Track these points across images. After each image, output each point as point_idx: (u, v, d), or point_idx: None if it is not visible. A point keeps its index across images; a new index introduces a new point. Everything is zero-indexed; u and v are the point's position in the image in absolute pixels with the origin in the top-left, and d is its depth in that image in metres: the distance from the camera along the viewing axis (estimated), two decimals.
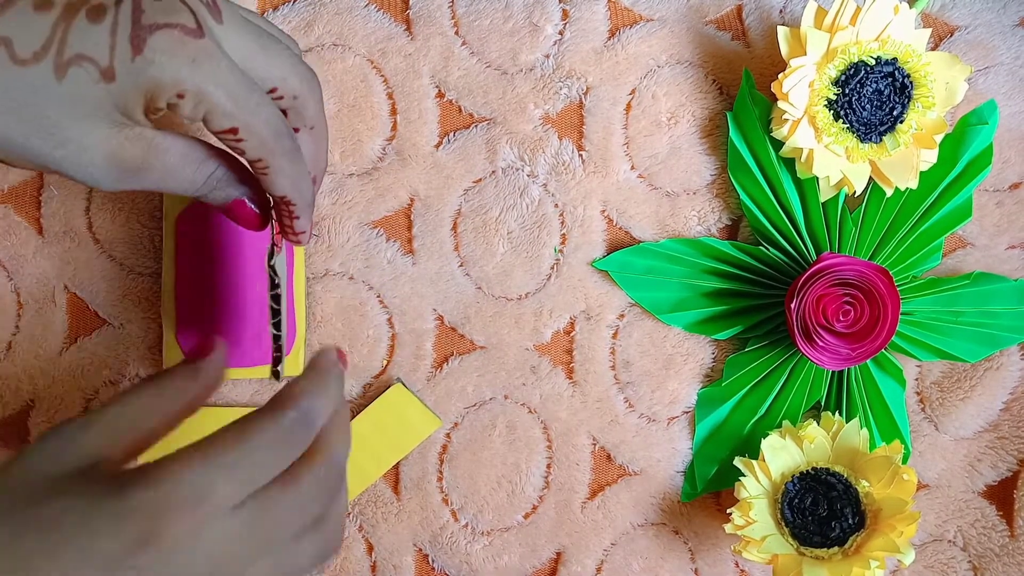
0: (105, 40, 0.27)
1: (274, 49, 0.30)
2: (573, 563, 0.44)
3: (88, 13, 0.27)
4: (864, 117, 0.40)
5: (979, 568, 0.44)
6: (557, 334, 0.44)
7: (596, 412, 0.44)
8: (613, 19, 0.44)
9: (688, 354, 0.44)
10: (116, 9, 0.27)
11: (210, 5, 0.29)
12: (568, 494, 0.44)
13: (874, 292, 0.40)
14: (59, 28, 0.27)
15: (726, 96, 0.44)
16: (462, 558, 0.43)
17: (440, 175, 0.43)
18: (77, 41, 0.27)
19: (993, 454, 0.44)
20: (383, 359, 0.43)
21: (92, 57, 0.27)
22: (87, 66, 0.27)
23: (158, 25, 0.27)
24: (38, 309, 0.42)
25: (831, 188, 0.41)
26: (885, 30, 0.39)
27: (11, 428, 0.42)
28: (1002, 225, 0.44)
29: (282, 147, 0.30)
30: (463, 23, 0.43)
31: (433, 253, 0.43)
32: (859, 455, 0.40)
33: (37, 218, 0.42)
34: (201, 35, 0.28)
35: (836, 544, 0.39)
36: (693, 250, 0.43)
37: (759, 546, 0.39)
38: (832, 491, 0.40)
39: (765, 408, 0.43)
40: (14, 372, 0.42)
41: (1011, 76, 0.44)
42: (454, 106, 0.43)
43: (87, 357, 0.42)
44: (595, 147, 0.43)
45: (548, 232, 0.43)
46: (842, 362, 0.40)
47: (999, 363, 0.44)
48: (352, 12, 0.43)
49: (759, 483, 0.41)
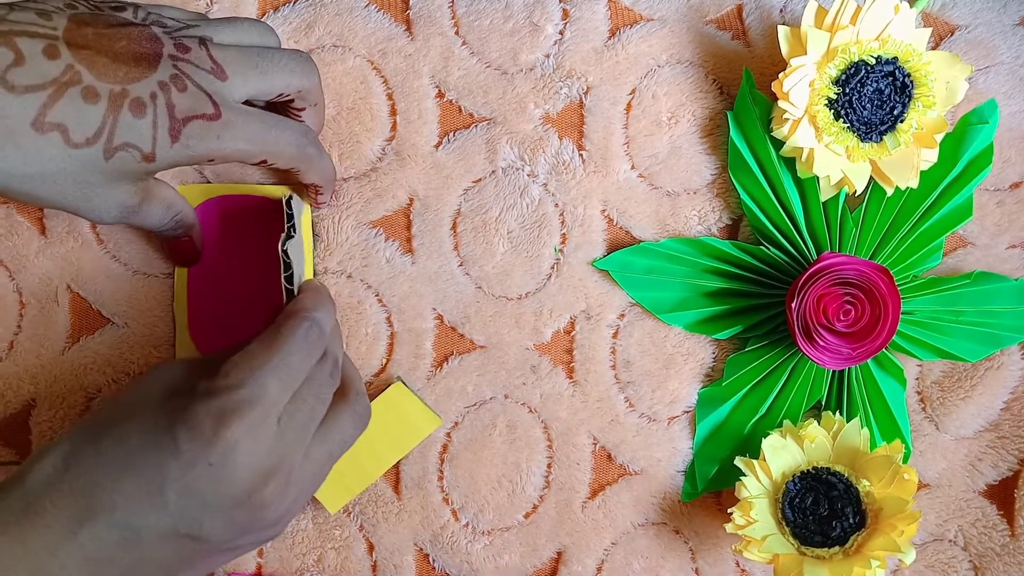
0: (148, 132, 0.33)
1: (271, 66, 0.36)
2: (574, 563, 0.44)
3: (131, 107, 0.33)
4: (864, 116, 0.40)
5: (980, 567, 0.44)
6: (557, 334, 0.44)
7: (597, 412, 0.44)
8: (613, 19, 0.44)
9: (688, 354, 0.44)
10: (154, 105, 0.33)
11: (215, 71, 0.35)
12: (569, 494, 0.44)
13: (875, 291, 0.40)
14: (108, 120, 0.32)
15: (726, 96, 0.44)
16: (463, 557, 0.43)
17: (440, 175, 0.43)
18: (124, 132, 0.33)
19: (994, 453, 0.44)
20: (382, 358, 0.43)
21: (137, 145, 0.33)
22: (132, 151, 0.33)
23: (189, 118, 0.34)
24: (40, 309, 0.42)
25: (831, 187, 0.41)
26: (886, 29, 0.39)
27: (13, 427, 0.42)
28: (1003, 224, 0.44)
29: (306, 156, 0.38)
30: (463, 23, 0.43)
31: (433, 252, 0.43)
32: (860, 454, 0.40)
33: (40, 218, 0.42)
34: (219, 116, 0.34)
35: (837, 544, 0.39)
36: (693, 250, 0.43)
37: (760, 546, 0.39)
38: (833, 490, 0.40)
39: (766, 408, 0.43)
40: (16, 371, 0.42)
41: (1011, 75, 0.44)
42: (454, 106, 0.43)
43: (89, 356, 0.42)
44: (595, 147, 0.43)
45: (548, 232, 0.43)
46: (843, 362, 0.40)
47: (1000, 362, 0.44)
48: (352, 13, 0.43)
49: (760, 483, 0.41)
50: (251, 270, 0.42)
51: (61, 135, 0.32)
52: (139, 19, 0.35)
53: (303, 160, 0.38)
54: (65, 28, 0.32)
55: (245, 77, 0.35)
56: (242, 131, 0.35)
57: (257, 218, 0.42)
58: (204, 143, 0.34)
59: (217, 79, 0.35)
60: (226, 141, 0.34)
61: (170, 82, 0.34)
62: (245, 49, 0.36)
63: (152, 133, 0.33)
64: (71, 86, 0.32)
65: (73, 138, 0.32)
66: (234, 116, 0.35)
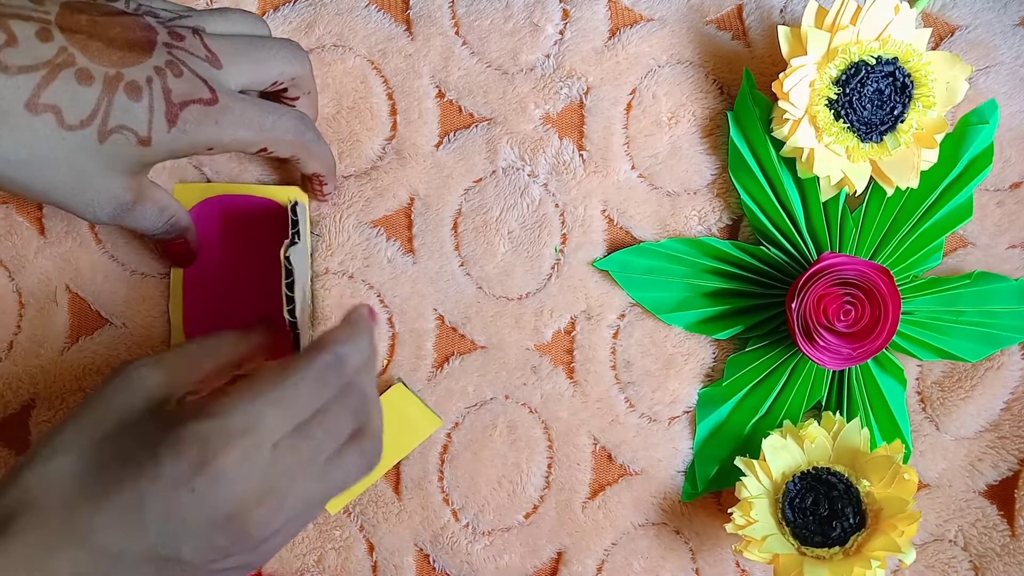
0: (144, 115, 0.33)
1: (265, 55, 0.36)
2: (574, 563, 0.44)
3: (126, 89, 0.32)
4: (865, 117, 0.40)
5: (980, 568, 0.44)
6: (558, 334, 0.44)
7: (597, 412, 0.44)
8: (613, 19, 0.44)
9: (689, 354, 0.44)
10: (150, 89, 0.33)
11: (210, 59, 0.34)
12: (569, 494, 0.44)
13: (875, 292, 0.40)
14: (102, 102, 0.32)
15: (727, 96, 0.44)
16: (463, 558, 0.43)
17: (440, 175, 0.43)
18: (119, 115, 0.32)
19: (994, 453, 0.44)
20: (383, 359, 0.43)
21: (132, 128, 0.33)
22: (127, 134, 0.33)
23: (186, 102, 0.33)
24: (40, 309, 0.42)
25: (832, 188, 0.41)
26: (886, 30, 0.39)
27: (12, 427, 0.42)
28: (1003, 225, 0.44)
29: (305, 142, 0.37)
30: (463, 23, 0.43)
31: (433, 252, 0.43)
32: (860, 455, 0.40)
33: (39, 218, 0.42)
34: (216, 101, 0.34)
35: (837, 544, 0.39)
36: (694, 250, 0.43)
37: (760, 546, 0.39)
38: (833, 491, 0.40)
39: (766, 408, 0.43)
40: (15, 372, 0.42)
41: (1012, 76, 0.44)
42: (454, 106, 0.43)
43: (88, 357, 0.42)
44: (596, 147, 0.43)
45: (549, 232, 0.43)
46: (843, 362, 0.40)
47: (1000, 363, 0.44)
48: (353, 12, 0.43)
49: (760, 483, 0.41)
50: (248, 272, 0.42)
51: (55, 116, 0.31)
52: (131, 9, 0.34)
53: (302, 147, 0.37)
54: (58, 13, 0.32)
55: (239, 65, 0.35)
56: (240, 117, 0.35)
57: (257, 220, 0.42)
58: (202, 128, 0.34)
59: (212, 67, 0.34)
60: (225, 127, 0.34)
61: (166, 67, 0.33)
62: (238, 38, 0.36)
63: (148, 117, 0.33)
64: (65, 67, 0.31)
65: (67, 119, 0.31)
66: (232, 102, 0.34)
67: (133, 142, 0.33)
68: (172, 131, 0.33)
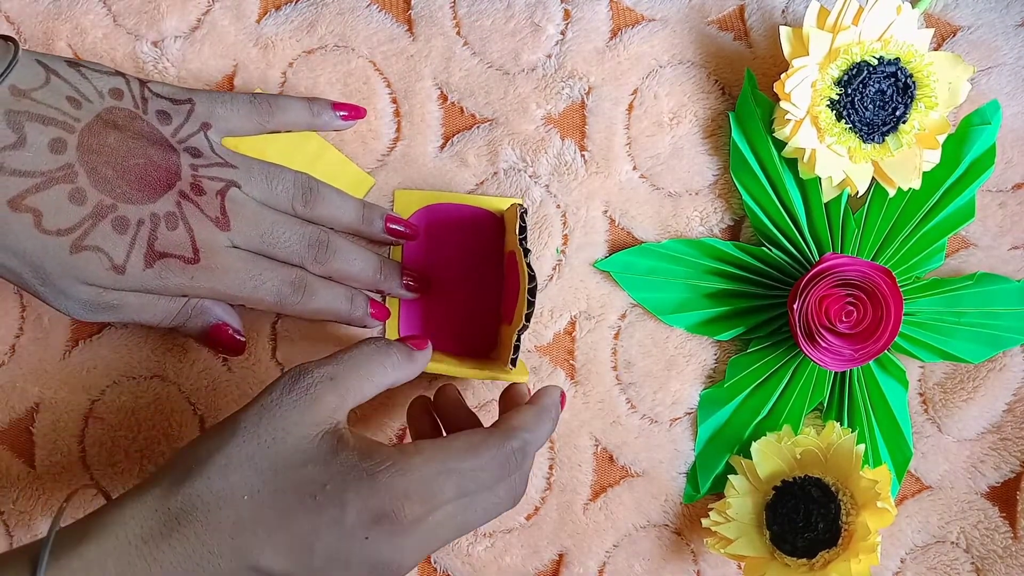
0: (123, 248, 0.33)
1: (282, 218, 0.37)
2: (575, 564, 0.44)
3: (114, 222, 0.33)
4: (867, 117, 0.40)
5: (982, 570, 0.44)
6: (558, 335, 0.44)
7: (598, 413, 0.44)
8: (615, 19, 0.44)
9: (690, 355, 0.44)
10: (137, 229, 0.33)
11: (219, 221, 0.35)
12: (570, 495, 0.44)
13: (877, 293, 0.40)
14: (86, 223, 0.32)
15: (728, 96, 0.44)
16: (464, 559, 0.43)
17: (443, 178, 0.43)
18: (98, 238, 0.33)
19: (996, 455, 0.44)
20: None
21: (108, 253, 0.33)
22: (101, 256, 0.33)
23: (165, 254, 0.34)
24: (41, 312, 0.42)
25: (834, 188, 0.41)
26: (888, 30, 0.39)
27: (17, 431, 0.42)
28: (1005, 226, 0.44)
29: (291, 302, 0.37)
30: (465, 23, 0.43)
31: None
32: (850, 472, 0.40)
33: None
34: (197, 261, 0.34)
35: (804, 555, 0.39)
36: (695, 251, 0.43)
37: (727, 545, 0.40)
38: (812, 503, 0.40)
39: (767, 409, 0.43)
40: (19, 375, 0.42)
41: (1014, 76, 0.44)
42: (456, 107, 0.43)
43: (91, 359, 0.42)
44: (597, 147, 0.43)
45: (550, 233, 0.43)
46: (845, 363, 0.40)
47: (1002, 364, 0.44)
48: (354, 12, 0.43)
49: (749, 482, 0.41)
50: (464, 279, 0.42)
51: (33, 218, 0.32)
52: (176, 139, 0.35)
53: (287, 306, 0.37)
54: (89, 123, 0.32)
55: (246, 233, 0.36)
56: (220, 278, 0.35)
57: (466, 227, 0.42)
58: (176, 279, 0.34)
59: (217, 228, 0.35)
60: (199, 281, 0.35)
61: (163, 218, 0.34)
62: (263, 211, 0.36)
63: (127, 251, 0.33)
64: (61, 183, 0.32)
65: (45, 224, 0.32)
66: (216, 262, 0.35)
67: (106, 265, 0.33)
68: (147, 271, 0.34)
